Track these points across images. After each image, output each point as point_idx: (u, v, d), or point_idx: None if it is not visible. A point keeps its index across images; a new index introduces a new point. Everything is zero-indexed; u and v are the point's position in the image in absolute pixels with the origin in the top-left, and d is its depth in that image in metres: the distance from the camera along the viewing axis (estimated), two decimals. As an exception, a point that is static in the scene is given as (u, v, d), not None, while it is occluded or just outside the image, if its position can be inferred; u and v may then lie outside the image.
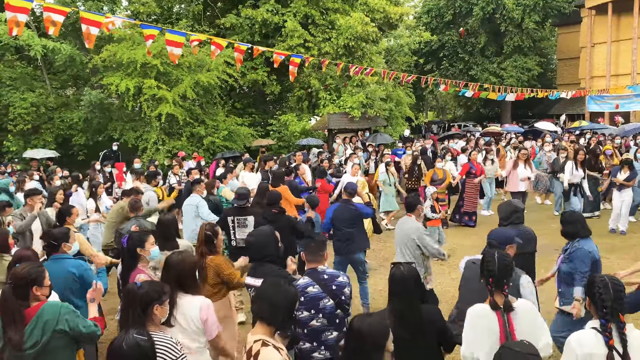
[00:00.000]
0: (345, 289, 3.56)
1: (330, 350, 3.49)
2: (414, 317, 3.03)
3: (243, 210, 6.39)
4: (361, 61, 21.08)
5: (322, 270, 3.62)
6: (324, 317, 3.50)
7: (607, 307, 2.63)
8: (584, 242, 4.33)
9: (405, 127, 23.79)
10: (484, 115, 40.81)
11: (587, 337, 2.67)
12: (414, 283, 3.08)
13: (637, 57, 28.12)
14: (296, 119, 20.96)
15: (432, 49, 35.79)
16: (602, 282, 2.70)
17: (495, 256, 3.01)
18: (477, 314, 2.98)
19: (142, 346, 2.41)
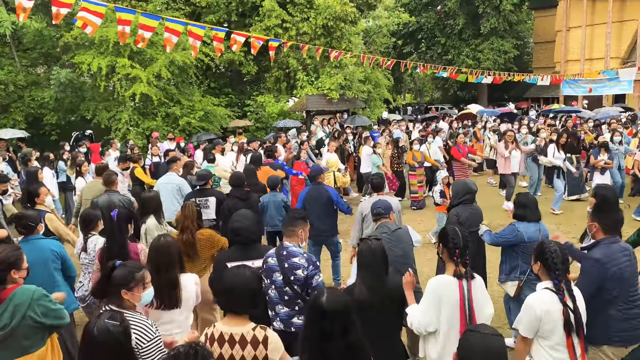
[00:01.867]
0: (298, 271, 3.60)
1: (283, 323, 3.65)
2: (382, 287, 3.21)
3: (204, 191, 6.46)
4: (340, 42, 20.90)
5: (286, 246, 3.73)
6: (276, 289, 3.68)
7: (559, 269, 2.96)
8: (523, 224, 4.46)
9: (383, 109, 23.79)
10: (460, 97, 41.09)
11: (543, 296, 2.98)
12: (381, 256, 3.27)
13: (611, 42, 28.56)
14: (274, 100, 20.76)
15: (410, 31, 35.72)
16: (552, 248, 3.03)
17: (459, 231, 3.23)
18: (440, 283, 3.15)
19: (113, 331, 2.36)
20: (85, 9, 7.12)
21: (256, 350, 2.69)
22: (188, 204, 4.78)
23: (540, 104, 32.39)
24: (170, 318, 3.46)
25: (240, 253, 3.96)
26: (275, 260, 3.68)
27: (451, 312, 3.07)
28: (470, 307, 3.09)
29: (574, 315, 2.92)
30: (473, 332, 2.20)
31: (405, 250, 4.37)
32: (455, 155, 11.32)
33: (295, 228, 3.80)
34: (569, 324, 2.90)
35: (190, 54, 16.81)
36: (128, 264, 3.00)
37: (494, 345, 2.10)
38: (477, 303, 3.12)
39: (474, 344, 2.12)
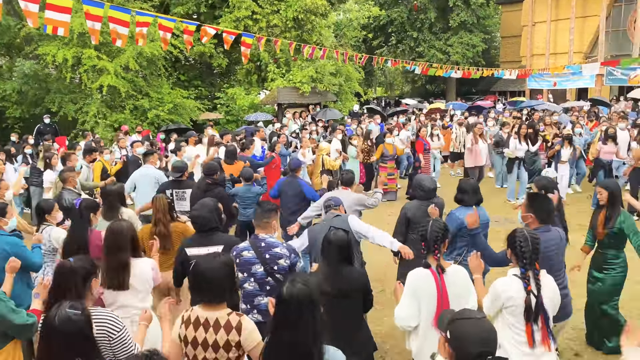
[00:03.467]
0: (281, 260, 3.67)
1: (262, 315, 3.67)
2: (343, 276, 3.28)
3: (180, 183, 6.47)
4: (311, 35, 20.88)
5: (263, 238, 3.75)
6: (255, 282, 3.68)
7: (527, 257, 3.02)
8: (461, 209, 4.62)
9: (354, 103, 23.90)
10: (429, 91, 41.56)
11: (510, 282, 3.06)
12: (344, 246, 3.35)
13: (574, 37, 29.32)
14: (244, 93, 20.62)
15: (381, 25, 35.90)
16: (522, 236, 3.08)
17: (438, 224, 3.27)
18: (418, 276, 3.19)
19: (75, 320, 2.35)
20: (50, 6, 6.84)
21: (229, 335, 2.69)
22: (158, 196, 4.82)
23: (507, 97, 33.05)
24: (125, 301, 3.53)
25: (199, 240, 4.05)
26: (252, 253, 3.68)
27: (428, 305, 3.14)
28: (445, 298, 3.15)
29: (535, 304, 2.98)
30: (464, 319, 2.13)
31: None
32: (418, 148, 11.48)
33: (270, 219, 3.84)
34: (529, 311, 2.97)
35: (159, 46, 16.54)
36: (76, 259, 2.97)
37: (488, 328, 2.11)
38: (454, 296, 3.16)
39: (470, 331, 2.07)
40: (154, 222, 4.68)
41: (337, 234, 3.43)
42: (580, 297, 5.01)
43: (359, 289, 3.34)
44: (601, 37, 28.56)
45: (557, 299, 3.16)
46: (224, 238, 4.11)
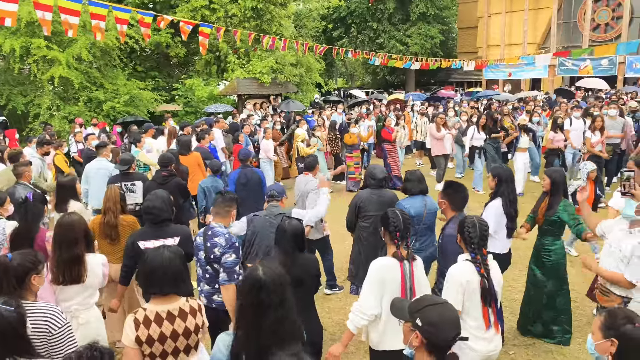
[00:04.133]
0: (215, 249, 3.71)
1: (206, 300, 3.88)
2: (294, 264, 3.30)
3: (129, 175, 6.42)
4: (270, 25, 20.69)
5: (212, 227, 3.82)
6: (200, 268, 3.89)
7: (475, 243, 3.13)
8: (408, 199, 4.73)
9: (315, 93, 23.89)
10: (390, 82, 41.92)
11: (464, 267, 3.15)
12: (297, 235, 3.41)
13: (528, 28, 30.13)
14: (203, 84, 20.28)
15: (341, 16, 35.91)
16: (471, 223, 3.18)
17: (399, 214, 3.31)
18: (382, 265, 3.21)
19: (7, 316, 2.31)
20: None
21: (196, 318, 2.77)
22: (111, 186, 4.81)
23: (464, 88, 33.71)
24: (71, 295, 3.53)
25: (152, 233, 4.04)
26: (201, 239, 3.82)
27: (392, 295, 3.11)
28: (412, 288, 3.18)
29: (489, 286, 3.09)
30: (433, 305, 2.15)
31: None
32: (385, 136, 11.60)
33: (230, 208, 3.89)
34: (485, 294, 3.08)
35: (113, 36, 16.04)
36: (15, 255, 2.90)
37: (454, 310, 2.17)
38: (419, 285, 3.23)
39: (444, 315, 2.10)
40: (103, 211, 4.67)
41: (292, 223, 3.48)
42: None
43: (313, 275, 3.43)
44: (553, 28, 29.45)
45: (501, 283, 3.29)
46: (178, 229, 4.15)
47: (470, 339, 3.04)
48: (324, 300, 5.90)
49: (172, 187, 6.02)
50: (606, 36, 28.10)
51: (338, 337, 5.02)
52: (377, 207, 4.93)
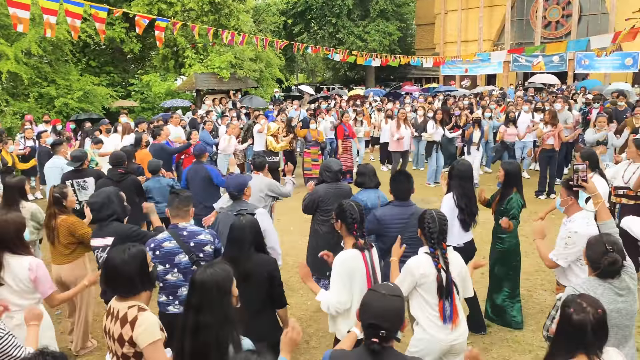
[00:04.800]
0: (206, 247, 3.64)
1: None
2: (246, 262, 3.26)
3: (81, 172, 6.34)
4: (228, 19, 20.44)
5: (184, 227, 3.67)
6: (179, 272, 3.59)
7: (434, 237, 3.18)
8: (364, 192, 4.80)
9: (275, 88, 23.79)
10: (350, 78, 42.17)
11: (422, 260, 3.21)
12: (250, 232, 3.33)
13: (483, 25, 30.86)
14: (160, 79, 19.87)
15: (300, 11, 35.84)
16: (430, 217, 3.23)
17: (355, 205, 3.34)
18: (346, 258, 3.24)
19: None
20: None
21: (122, 329, 2.57)
22: (51, 188, 4.71)
23: (422, 84, 34.24)
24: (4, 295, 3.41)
25: (96, 230, 4.00)
26: (174, 243, 3.57)
27: (361, 284, 3.19)
28: (375, 275, 3.26)
29: (446, 280, 3.16)
30: (374, 291, 2.28)
31: None
32: (338, 133, 11.63)
33: (188, 207, 3.77)
34: (441, 288, 3.14)
35: (65, 29, 15.49)
36: None
37: (391, 305, 2.20)
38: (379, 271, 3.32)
39: (373, 303, 2.21)
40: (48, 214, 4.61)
41: (247, 218, 3.43)
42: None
43: (265, 275, 3.31)
44: (507, 25, 30.27)
45: (465, 274, 3.35)
46: (115, 228, 3.98)
47: (432, 327, 3.19)
48: (285, 296, 5.89)
49: (128, 185, 5.92)
50: (557, 33, 29.10)
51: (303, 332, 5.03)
52: (335, 200, 4.91)
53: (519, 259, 5.03)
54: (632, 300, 2.77)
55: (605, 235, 2.86)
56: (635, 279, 2.83)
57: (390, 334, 2.16)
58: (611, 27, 24.78)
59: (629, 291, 2.76)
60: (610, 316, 2.44)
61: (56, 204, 4.53)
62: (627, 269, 2.80)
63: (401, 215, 4.17)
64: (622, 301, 2.73)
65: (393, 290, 2.30)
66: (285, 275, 6.27)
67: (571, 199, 3.74)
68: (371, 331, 2.16)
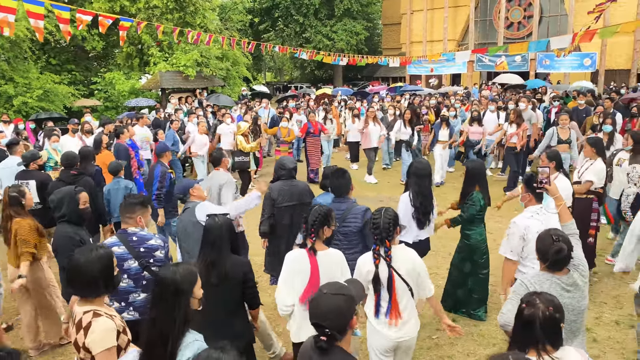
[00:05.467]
0: (157, 252, 3.56)
1: (138, 311, 3.55)
2: (223, 264, 3.23)
3: (26, 173, 6.24)
4: (194, 17, 20.17)
5: (133, 232, 3.60)
6: (129, 278, 3.51)
7: (377, 234, 3.23)
8: (324, 195, 4.80)
9: (242, 86, 23.62)
10: (318, 77, 42.25)
11: (367, 258, 3.30)
12: (227, 232, 3.30)
13: (448, 25, 31.37)
14: (124, 78, 19.46)
15: (267, 9, 35.69)
16: (377, 215, 3.28)
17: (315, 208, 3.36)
18: (294, 257, 3.30)
19: None
20: None
21: (77, 335, 2.50)
22: (5, 188, 4.63)
23: (389, 83, 34.57)
24: None
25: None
26: (123, 248, 3.50)
27: (302, 282, 3.23)
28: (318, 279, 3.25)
29: (387, 277, 3.18)
30: (320, 292, 2.30)
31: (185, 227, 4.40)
32: (302, 131, 11.63)
33: (133, 215, 3.64)
34: (376, 282, 3.20)
35: (23, 26, 15.00)
36: None
37: (331, 304, 2.20)
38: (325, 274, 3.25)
39: (316, 303, 2.23)
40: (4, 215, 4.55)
41: (223, 218, 3.39)
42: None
43: (238, 277, 3.29)
44: (471, 26, 30.85)
45: (419, 273, 3.28)
46: (59, 230, 3.93)
47: (380, 324, 3.27)
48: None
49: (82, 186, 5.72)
50: (519, 34, 29.83)
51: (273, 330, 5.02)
52: (290, 197, 5.00)
53: (485, 255, 5.13)
54: (580, 296, 2.82)
55: (554, 229, 2.93)
56: (586, 278, 2.89)
57: (334, 332, 2.15)
58: (570, 28, 25.56)
59: (577, 287, 2.81)
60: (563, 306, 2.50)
61: (13, 204, 4.41)
62: (578, 266, 2.86)
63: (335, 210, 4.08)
64: (569, 297, 2.78)
65: (338, 289, 2.29)
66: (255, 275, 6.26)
67: (529, 195, 3.86)
68: (318, 330, 2.18)
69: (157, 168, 6.42)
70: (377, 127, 11.51)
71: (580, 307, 2.84)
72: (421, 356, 4.48)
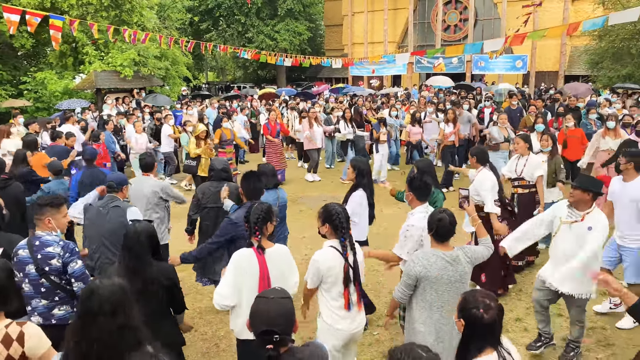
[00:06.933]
0: (53, 260, 3.42)
1: (42, 318, 3.46)
2: (147, 271, 3.15)
3: None
4: (130, 15, 19.54)
5: (39, 236, 3.48)
6: (30, 283, 3.43)
7: (344, 228, 3.28)
8: (266, 193, 4.77)
9: (182, 86, 23.13)
10: (261, 77, 42.00)
11: (327, 254, 3.29)
12: (147, 238, 3.22)
13: (388, 27, 32.00)
14: (56, 77, 18.57)
15: (208, 8, 35.12)
16: (336, 210, 3.33)
17: (256, 206, 3.33)
18: (240, 256, 3.24)
19: None
20: None
21: (9, 350, 2.40)
22: None
23: (332, 84, 34.85)
24: None
25: None
26: (27, 252, 3.42)
27: (251, 284, 3.18)
28: (268, 278, 3.22)
29: (353, 270, 3.29)
30: (261, 297, 2.27)
31: (112, 227, 4.29)
32: (264, 132, 11.56)
33: (42, 217, 3.51)
34: (347, 277, 3.27)
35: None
36: None
37: (281, 308, 2.19)
38: (278, 272, 3.25)
39: (263, 309, 2.19)
40: None
41: (144, 224, 3.30)
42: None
43: (164, 282, 3.21)
44: (410, 28, 31.63)
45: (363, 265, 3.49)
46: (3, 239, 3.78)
47: (334, 319, 3.30)
48: (194, 301, 5.76)
49: (11, 192, 5.46)
50: (455, 36, 30.88)
51: (209, 338, 4.94)
52: (215, 200, 4.99)
53: None
54: (462, 270, 3.20)
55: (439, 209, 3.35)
56: (470, 258, 3.26)
57: (285, 336, 2.15)
58: (503, 32, 26.70)
59: (459, 262, 3.19)
60: (442, 279, 3.13)
61: None
62: (464, 247, 3.30)
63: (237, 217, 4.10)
64: (452, 270, 3.17)
65: (281, 292, 2.29)
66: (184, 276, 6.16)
67: (411, 194, 3.99)
68: (265, 338, 2.13)
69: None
70: (319, 128, 11.61)
71: (464, 278, 3.21)
72: (363, 353, 4.55)
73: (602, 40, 21.06)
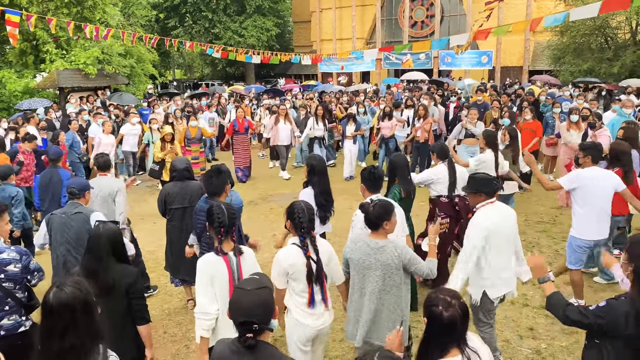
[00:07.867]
0: (10, 267, 3.32)
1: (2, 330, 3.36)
2: (106, 274, 3.08)
3: None
4: (93, 12, 19.04)
5: None
6: None
7: (304, 227, 3.28)
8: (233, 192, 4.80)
9: (148, 84, 22.70)
10: (230, 74, 41.60)
11: (290, 251, 3.29)
12: (109, 241, 3.15)
13: (356, 24, 32.11)
14: (16, 76, 17.97)
15: (174, 4, 34.55)
16: (299, 208, 3.32)
17: (223, 208, 3.28)
18: (207, 262, 3.18)
19: None
20: None
21: None
22: None
23: (302, 80, 34.80)
24: None
25: None
26: None
27: (222, 289, 3.14)
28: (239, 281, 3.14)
29: (316, 267, 3.28)
30: (239, 288, 2.26)
31: (78, 235, 4.21)
32: (228, 130, 11.43)
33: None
34: (310, 274, 3.26)
35: None
36: None
37: (258, 299, 2.18)
38: (247, 271, 3.19)
39: (242, 300, 2.19)
40: None
41: (107, 226, 3.24)
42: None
43: (122, 287, 3.14)
44: (378, 24, 31.81)
45: (333, 261, 3.47)
46: None
47: (301, 314, 3.31)
48: (162, 302, 5.66)
49: None
50: (422, 33, 31.20)
51: (179, 339, 4.87)
52: (181, 199, 4.97)
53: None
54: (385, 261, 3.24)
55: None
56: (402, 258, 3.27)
57: (263, 325, 2.17)
58: (468, 27, 27.07)
59: (383, 252, 3.25)
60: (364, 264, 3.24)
61: None
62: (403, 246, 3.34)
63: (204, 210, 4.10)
64: (374, 258, 3.24)
65: (259, 282, 2.28)
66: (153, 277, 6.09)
67: (363, 185, 4.13)
68: (244, 328, 2.15)
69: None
70: (288, 125, 11.54)
71: (386, 269, 3.24)
72: (333, 349, 4.55)
73: (564, 36, 21.65)
